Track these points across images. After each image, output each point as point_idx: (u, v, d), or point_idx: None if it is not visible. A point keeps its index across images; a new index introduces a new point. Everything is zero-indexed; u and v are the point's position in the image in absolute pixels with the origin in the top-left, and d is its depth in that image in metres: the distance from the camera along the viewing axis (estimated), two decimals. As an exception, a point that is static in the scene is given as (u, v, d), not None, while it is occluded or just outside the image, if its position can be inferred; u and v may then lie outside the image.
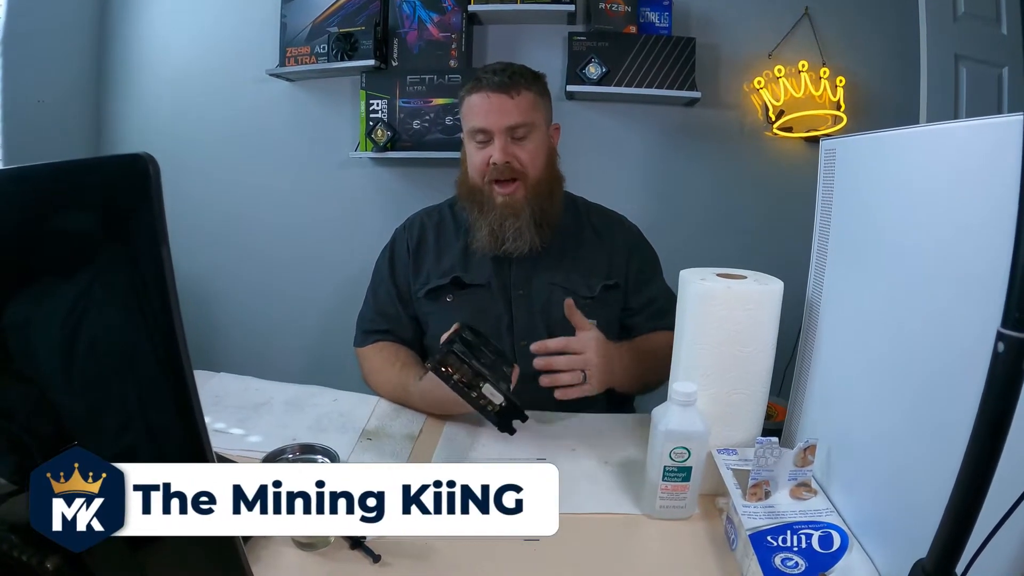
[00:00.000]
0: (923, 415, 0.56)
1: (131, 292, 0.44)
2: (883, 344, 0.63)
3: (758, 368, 0.77)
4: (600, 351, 0.96)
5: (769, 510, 0.66)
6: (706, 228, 2.02)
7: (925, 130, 0.59)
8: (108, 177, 0.41)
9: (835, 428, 0.72)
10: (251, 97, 2.05)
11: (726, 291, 0.74)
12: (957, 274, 0.52)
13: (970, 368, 0.50)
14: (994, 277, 0.46)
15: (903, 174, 0.61)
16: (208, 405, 1.01)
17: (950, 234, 0.54)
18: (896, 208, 0.62)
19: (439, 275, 1.16)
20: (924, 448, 0.56)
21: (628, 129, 1.99)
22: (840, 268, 0.74)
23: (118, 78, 2.11)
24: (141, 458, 0.46)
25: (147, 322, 0.45)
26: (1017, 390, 0.31)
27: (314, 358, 2.11)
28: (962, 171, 0.53)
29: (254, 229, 2.14)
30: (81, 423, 0.49)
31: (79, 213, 0.44)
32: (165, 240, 0.40)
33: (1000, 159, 0.45)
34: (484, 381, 0.83)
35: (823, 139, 0.78)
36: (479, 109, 1.09)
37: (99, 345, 0.47)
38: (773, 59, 1.90)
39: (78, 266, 0.45)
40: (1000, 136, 0.48)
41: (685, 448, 0.72)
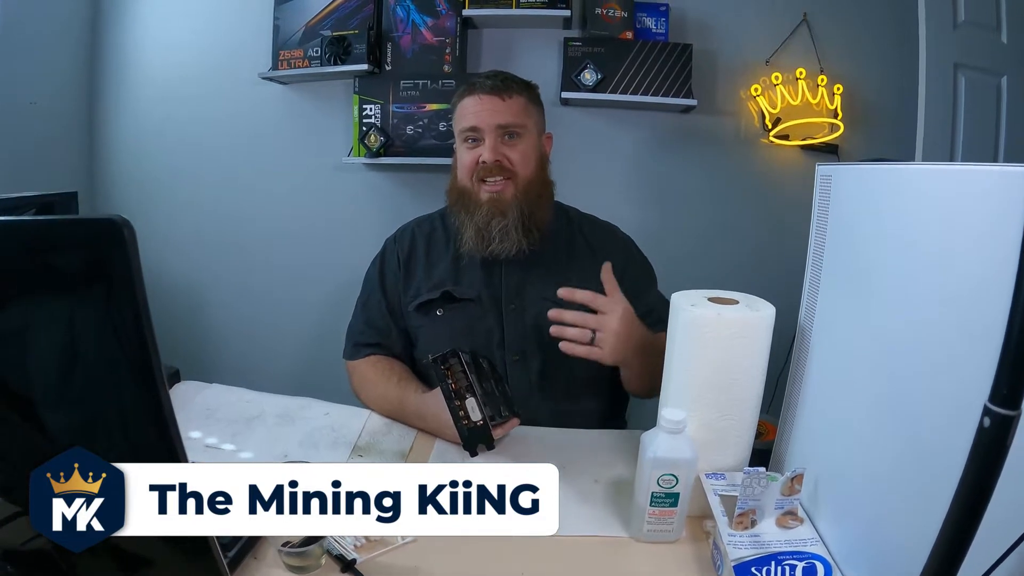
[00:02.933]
0: (911, 452, 0.56)
1: (111, 331, 0.45)
2: (873, 379, 0.63)
3: (748, 395, 0.77)
4: (624, 319, 0.94)
5: (755, 539, 0.66)
6: (700, 235, 2.01)
7: (923, 169, 0.58)
8: (88, 238, 0.43)
9: (824, 457, 0.72)
10: (244, 100, 2.03)
11: (717, 319, 0.73)
12: (950, 322, 0.52)
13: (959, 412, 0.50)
14: (986, 331, 0.45)
15: (899, 212, 0.60)
16: (200, 419, 1.02)
17: (944, 282, 0.53)
18: (891, 246, 0.61)
19: (429, 288, 1.15)
20: (910, 484, 0.56)
21: (623, 135, 1.98)
22: (833, 296, 0.74)
23: (111, 80, 2.09)
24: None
25: (127, 356, 0.45)
26: (999, 466, 0.31)
27: (307, 363, 2.10)
28: (960, 218, 0.51)
29: (247, 233, 2.12)
30: (70, 436, 0.49)
31: (64, 264, 0.44)
32: (141, 290, 0.41)
33: (999, 212, 0.44)
34: (472, 396, 0.84)
35: (819, 164, 0.77)
36: (471, 110, 1.09)
37: (86, 370, 0.47)
38: (770, 66, 1.89)
39: (63, 308, 0.45)
40: (1000, 186, 0.47)
41: (673, 475, 0.72)
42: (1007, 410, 0.30)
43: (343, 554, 0.71)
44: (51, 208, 1.03)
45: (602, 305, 0.94)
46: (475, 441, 0.85)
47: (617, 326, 0.93)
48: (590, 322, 0.93)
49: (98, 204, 2.13)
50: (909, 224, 0.58)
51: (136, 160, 2.12)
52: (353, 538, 0.74)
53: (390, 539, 0.75)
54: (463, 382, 0.85)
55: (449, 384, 0.85)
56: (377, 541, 0.74)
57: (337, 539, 0.73)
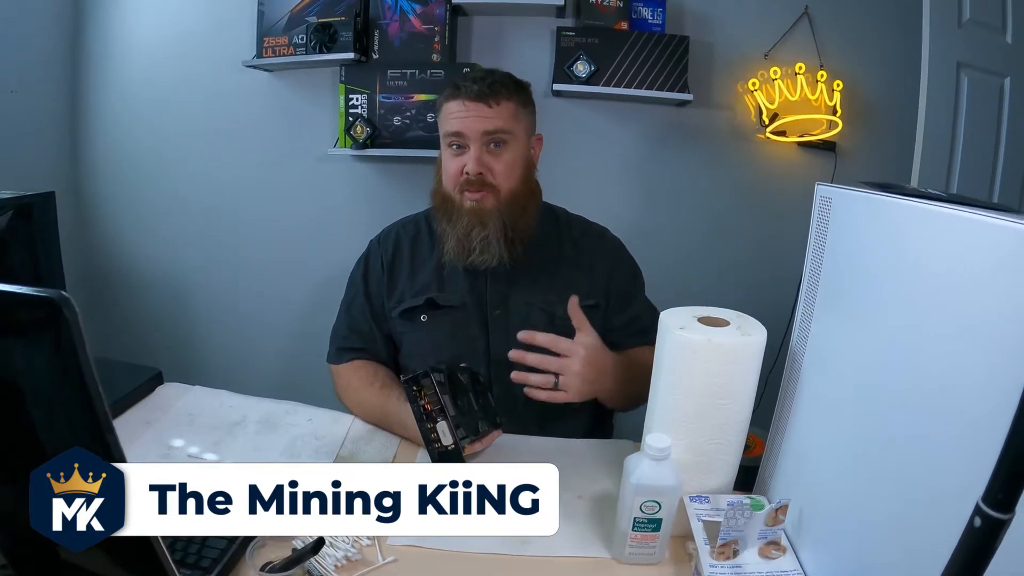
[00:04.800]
0: (898, 492, 0.55)
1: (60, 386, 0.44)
2: (865, 413, 0.61)
3: (736, 419, 0.75)
4: (589, 359, 0.94)
5: (736, 570, 0.65)
6: (694, 232, 1.98)
7: (929, 209, 0.54)
8: (30, 318, 0.42)
9: (809, 486, 0.71)
10: (228, 88, 1.97)
11: (707, 344, 0.71)
12: (951, 371, 0.50)
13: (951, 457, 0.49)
14: (989, 389, 0.44)
15: (908, 251, 0.57)
16: (183, 426, 1.01)
17: (945, 327, 0.51)
18: (895, 284, 0.58)
19: (413, 294, 1.13)
20: (897, 522, 0.55)
21: (615, 128, 1.93)
22: (826, 322, 0.72)
23: (94, 67, 2.02)
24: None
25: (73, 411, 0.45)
26: (985, 566, 0.30)
27: (292, 360, 2.08)
28: (977, 270, 0.48)
29: (230, 226, 2.08)
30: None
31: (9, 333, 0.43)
32: (86, 359, 0.40)
33: (1009, 269, 0.42)
34: (443, 419, 0.83)
35: (819, 185, 0.74)
36: (456, 115, 1.05)
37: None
38: (769, 60, 1.84)
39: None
40: (1012, 243, 0.44)
41: (656, 502, 0.70)
42: (999, 513, 0.28)
43: (324, 575, 0.70)
44: (28, 210, 0.99)
45: (564, 349, 0.93)
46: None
47: (580, 368, 0.93)
48: (552, 365, 0.92)
49: (80, 195, 2.09)
50: (918, 265, 0.55)
51: (119, 148, 2.06)
52: (334, 559, 0.74)
53: (371, 559, 0.74)
54: (435, 404, 0.84)
55: (421, 405, 0.84)
56: (359, 561, 0.74)
57: (319, 560, 0.72)
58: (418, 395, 0.84)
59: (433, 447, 0.84)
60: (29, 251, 0.99)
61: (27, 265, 0.99)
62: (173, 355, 2.06)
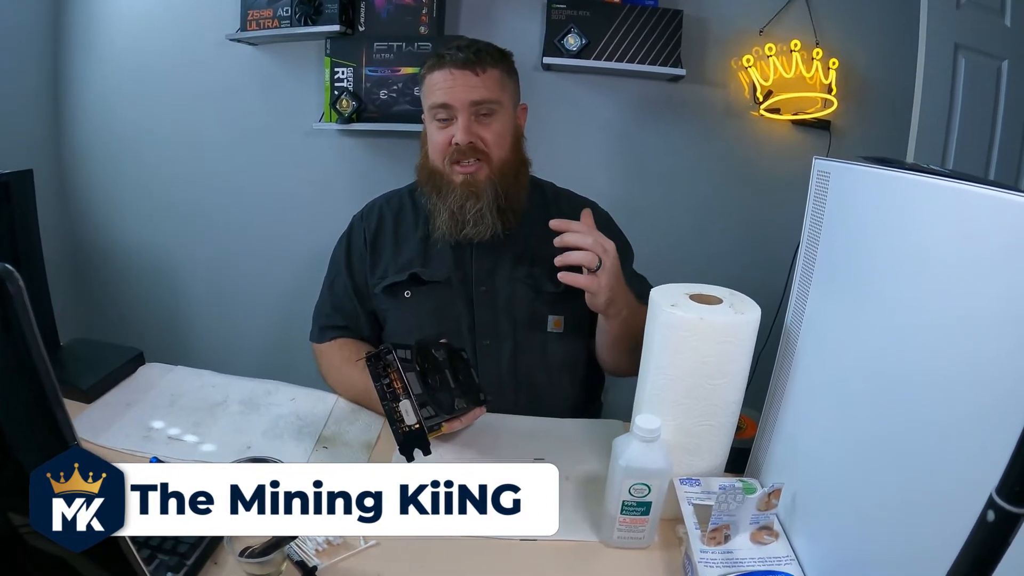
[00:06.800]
0: (900, 478, 0.53)
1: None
2: (863, 396, 0.59)
3: (727, 400, 0.74)
4: (616, 257, 0.92)
5: (727, 556, 0.64)
6: (685, 209, 1.96)
7: (935, 183, 0.52)
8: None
9: (803, 470, 0.70)
10: (212, 62, 1.90)
11: (698, 322, 0.69)
12: (954, 351, 0.48)
13: (951, 441, 0.47)
14: (995, 368, 0.42)
15: (909, 226, 0.55)
16: (164, 407, 0.99)
17: (952, 306, 0.49)
18: (892, 258, 0.56)
19: (397, 270, 1.10)
20: (897, 511, 0.53)
21: (606, 103, 1.89)
22: (822, 303, 0.70)
23: (76, 42, 1.94)
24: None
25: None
26: (996, 563, 0.28)
27: (277, 337, 2.05)
28: (980, 244, 0.46)
29: (214, 202, 2.02)
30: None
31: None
32: (32, 334, 0.39)
33: (1021, 246, 0.40)
34: (408, 399, 0.79)
35: (816, 159, 0.71)
36: (442, 85, 1.01)
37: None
38: (764, 36, 1.80)
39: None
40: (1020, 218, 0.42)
41: (645, 484, 0.69)
42: (1015, 507, 0.26)
43: (304, 560, 0.69)
44: (6, 189, 0.96)
45: (598, 240, 0.90)
46: (410, 446, 0.80)
47: (612, 262, 0.91)
48: (596, 246, 0.90)
49: (62, 172, 2.02)
50: (923, 242, 0.53)
51: (102, 124, 1.99)
52: (315, 543, 0.72)
53: (352, 543, 0.73)
54: (399, 381, 0.80)
55: (384, 384, 0.80)
56: (340, 545, 0.72)
57: (299, 545, 0.71)
58: (383, 373, 0.80)
59: (395, 429, 0.80)
60: (7, 230, 0.97)
61: (5, 244, 0.97)
62: (156, 334, 2.03)
